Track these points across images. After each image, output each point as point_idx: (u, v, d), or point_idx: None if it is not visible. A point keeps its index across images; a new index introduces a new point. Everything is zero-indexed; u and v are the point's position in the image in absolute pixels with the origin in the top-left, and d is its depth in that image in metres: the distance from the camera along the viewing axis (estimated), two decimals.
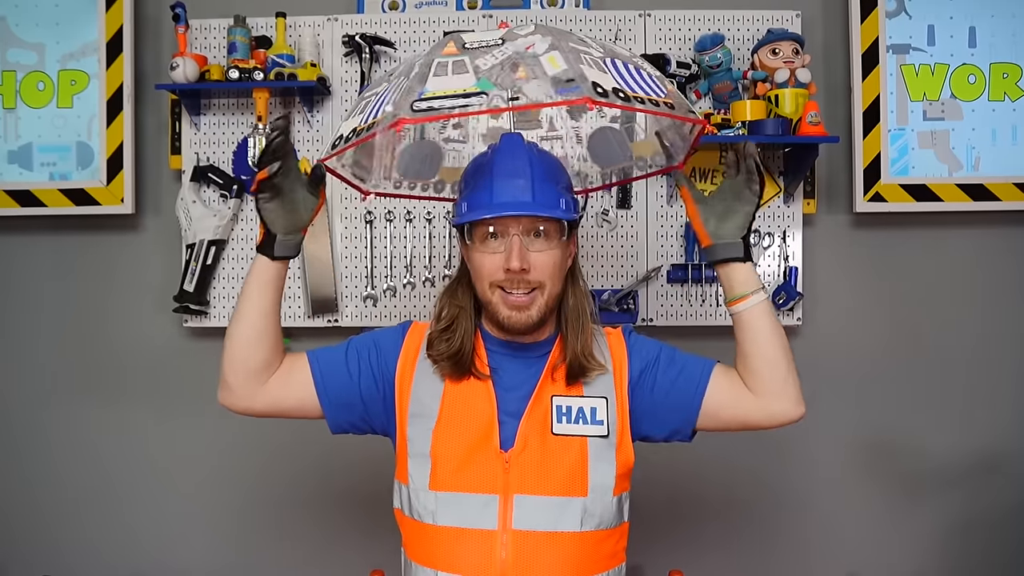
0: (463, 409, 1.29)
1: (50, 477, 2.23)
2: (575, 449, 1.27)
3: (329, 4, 2.17)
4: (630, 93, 1.14)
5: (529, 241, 1.24)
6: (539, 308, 1.27)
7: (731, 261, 1.29)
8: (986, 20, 2.13)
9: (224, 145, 2.14)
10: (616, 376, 1.32)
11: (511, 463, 1.25)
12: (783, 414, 1.30)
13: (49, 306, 2.23)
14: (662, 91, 1.21)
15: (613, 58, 1.19)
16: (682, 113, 1.23)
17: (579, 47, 1.17)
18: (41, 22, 2.14)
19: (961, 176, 2.12)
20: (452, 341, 1.30)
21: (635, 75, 1.18)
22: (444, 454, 1.27)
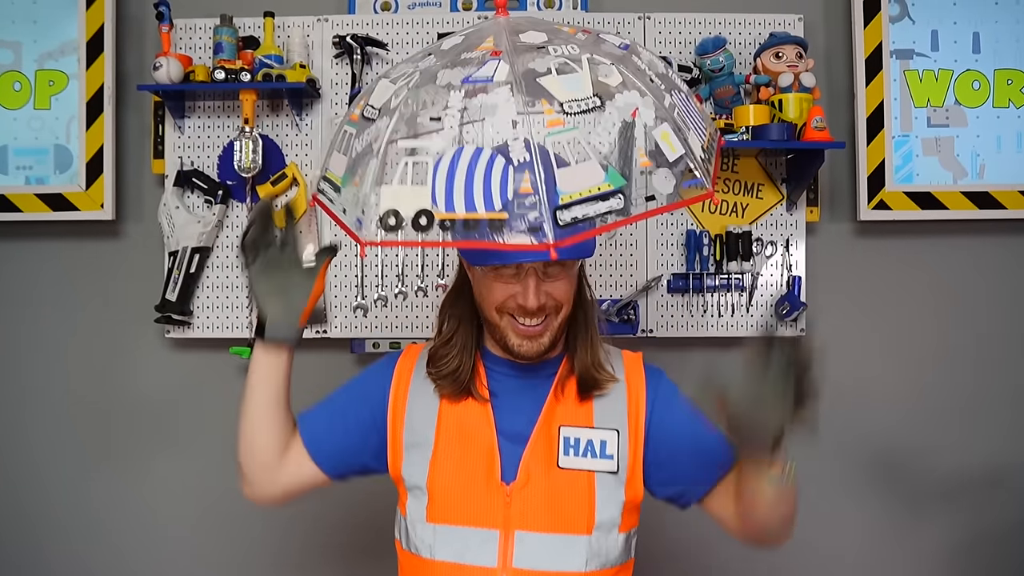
0: (461, 436, 1.21)
1: (23, 489, 2.13)
2: (582, 484, 1.19)
3: (319, 4, 2.11)
4: (705, 143, 1.04)
5: (544, 271, 1.15)
6: (551, 333, 1.19)
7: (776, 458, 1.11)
8: (990, 26, 2.10)
9: (209, 149, 2.07)
10: (631, 403, 1.23)
11: (513, 497, 1.17)
12: (755, 546, 1.27)
13: (24, 316, 2.14)
14: (704, 119, 1.11)
15: (672, 91, 1.07)
16: (714, 135, 1.14)
17: (666, 99, 1.03)
18: (18, 19, 2.06)
19: (966, 184, 2.08)
20: (450, 359, 1.23)
21: (691, 108, 1.08)
22: (442, 486, 1.19)
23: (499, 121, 0.95)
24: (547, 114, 0.95)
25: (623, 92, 0.99)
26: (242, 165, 1.99)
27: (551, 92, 0.97)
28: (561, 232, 0.91)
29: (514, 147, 0.93)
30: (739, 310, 2.04)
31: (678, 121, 1.01)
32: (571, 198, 0.92)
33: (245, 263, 1.20)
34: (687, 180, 0.99)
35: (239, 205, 2.06)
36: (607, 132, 0.96)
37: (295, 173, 2.04)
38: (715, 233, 2.03)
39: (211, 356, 2.09)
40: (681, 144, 0.99)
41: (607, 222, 0.94)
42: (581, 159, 0.94)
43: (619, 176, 0.95)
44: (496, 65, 0.99)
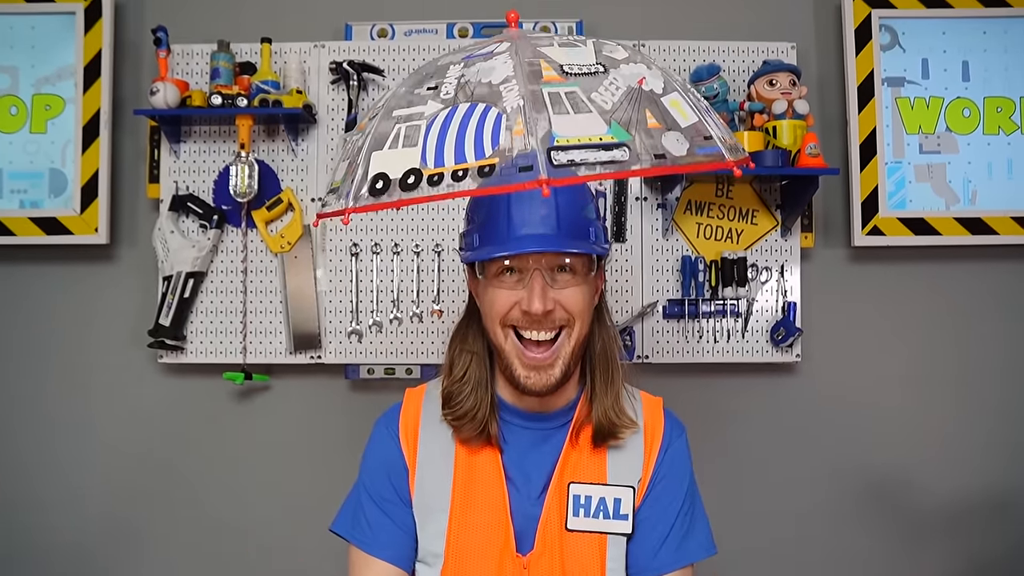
0: (475, 503, 1.14)
1: (16, 509, 2.09)
2: (592, 550, 1.12)
3: (316, 31, 2.12)
4: (728, 142, 1.00)
5: (552, 277, 1.10)
6: (563, 361, 1.11)
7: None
8: (979, 54, 2.12)
9: (205, 174, 2.07)
10: (647, 451, 1.17)
11: (530, 569, 1.11)
12: None
13: (17, 339, 2.12)
14: (725, 127, 1.06)
15: (690, 92, 1.04)
16: (742, 152, 1.10)
17: (678, 83, 1.00)
18: (16, 45, 2.07)
19: (958, 210, 2.10)
20: (464, 397, 1.15)
21: (711, 110, 1.05)
22: (456, 557, 1.12)
23: (496, 78, 0.92)
24: (545, 71, 0.93)
25: (629, 64, 0.96)
26: (238, 190, 1.99)
27: (552, 58, 0.95)
28: (555, 171, 0.84)
29: (508, 97, 0.89)
30: (735, 336, 2.03)
31: (691, 99, 0.98)
32: (568, 142, 0.87)
33: None
34: (702, 147, 0.93)
35: (234, 230, 2.05)
36: (610, 92, 0.92)
37: (291, 198, 2.03)
38: (710, 259, 2.04)
39: (204, 381, 2.08)
40: (695, 114, 0.95)
41: (609, 170, 0.89)
42: (581, 111, 0.90)
43: (623, 131, 0.90)
44: (499, 45, 0.99)
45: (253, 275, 2.05)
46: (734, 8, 2.15)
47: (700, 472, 1.28)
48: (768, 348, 2.04)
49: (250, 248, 2.05)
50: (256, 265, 2.06)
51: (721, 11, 2.15)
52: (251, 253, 2.05)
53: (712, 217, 2.07)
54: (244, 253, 2.05)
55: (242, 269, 2.05)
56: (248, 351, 2.03)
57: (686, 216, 2.06)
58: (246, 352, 2.04)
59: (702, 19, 2.15)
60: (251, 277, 2.05)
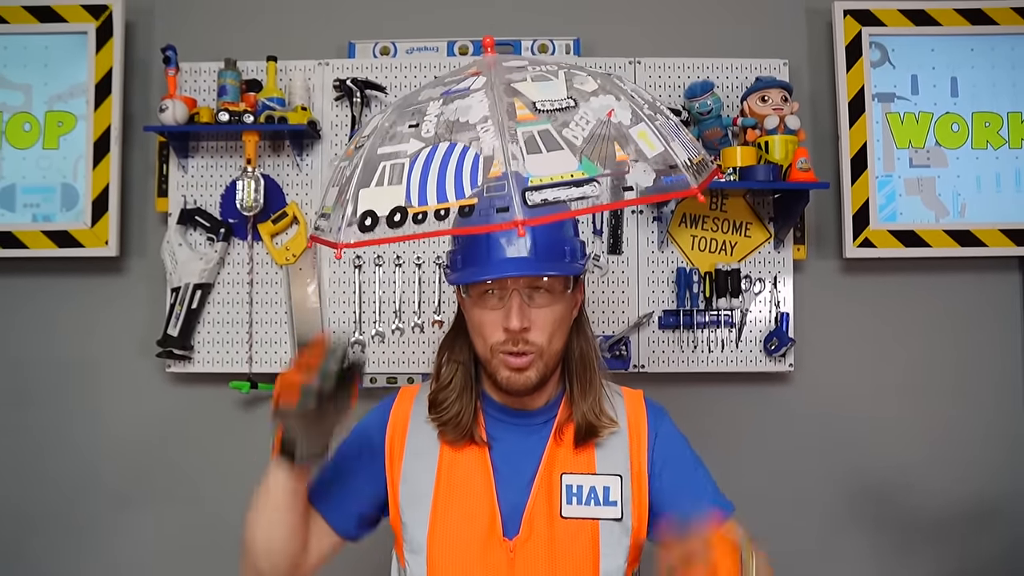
0: (460, 488, 1.20)
1: (23, 524, 2.15)
2: (586, 535, 1.17)
3: (320, 49, 2.18)
4: (695, 160, 1.05)
5: (530, 296, 1.16)
6: (538, 370, 1.18)
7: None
8: (967, 71, 2.17)
9: (212, 188, 2.12)
10: (633, 445, 1.22)
11: (516, 552, 1.16)
12: None
13: (29, 349, 2.17)
14: (695, 142, 1.12)
15: (659, 113, 1.09)
16: (708, 164, 1.14)
17: (646, 110, 1.05)
18: (29, 63, 2.13)
19: (948, 222, 2.14)
20: (450, 403, 1.22)
21: (677, 130, 1.09)
22: (441, 543, 1.17)
23: (473, 117, 0.97)
24: (519, 109, 0.97)
25: (598, 96, 1.01)
26: (244, 204, 2.05)
27: (526, 94, 0.99)
28: (529, 211, 0.90)
29: (484, 137, 0.95)
30: (728, 345, 2.08)
31: (659, 128, 1.03)
32: (541, 181, 0.92)
33: (303, 406, 1.06)
34: (668, 176, 0.99)
35: (240, 243, 2.11)
36: (580, 128, 0.97)
37: (295, 212, 2.09)
38: (704, 271, 2.09)
39: (211, 390, 2.13)
40: (661, 143, 1.00)
41: (581, 206, 0.94)
42: (553, 148, 0.94)
43: (593, 166, 0.95)
44: (475, 80, 1.04)
45: (259, 287, 2.11)
46: (728, 26, 2.20)
47: None
48: (761, 358, 2.09)
49: (256, 260, 2.11)
50: (262, 277, 2.11)
51: (715, 29, 2.20)
52: (257, 265, 2.11)
53: (706, 230, 2.12)
54: (250, 265, 2.10)
55: (248, 281, 2.10)
56: (254, 360, 2.09)
57: (681, 228, 2.11)
58: (252, 361, 2.09)
59: (697, 36, 2.20)
60: (257, 289, 2.11)
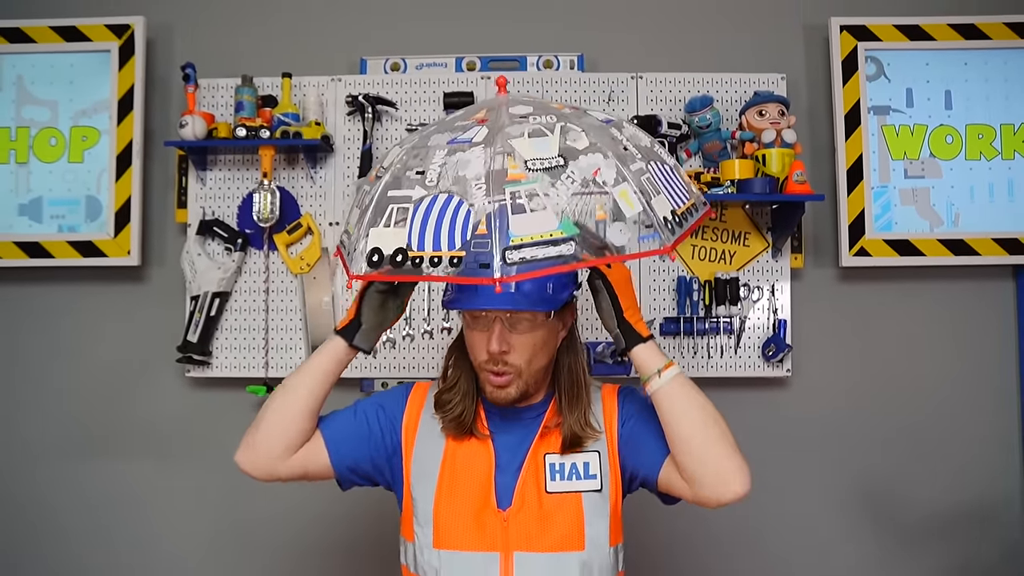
0: (463, 469, 1.32)
1: (51, 526, 2.24)
2: (571, 505, 1.29)
3: (333, 65, 2.26)
4: (679, 211, 1.12)
5: (512, 324, 1.26)
6: (517, 387, 1.29)
7: (630, 349, 1.26)
8: (960, 84, 2.23)
9: (230, 200, 2.21)
10: (608, 433, 1.34)
11: (509, 521, 1.28)
12: (711, 500, 1.23)
13: (55, 354, 2.26)
14: (687, 188, 1.19)
15: (651, 162, 1.16)
16: (700, 206, 1.21)
17: (633, 164, 1.12)
18: (56, 80, 2.22)
19: (942, 232, 2.21)
20: (455, 404, 1.34)
21: (669, 177, 1.16)
22: (446, 514, 1.30)
23: (470, 173, 1.07)
24: (511, 168, 1.07)
25: (588, 154, 1.10)
26: (260, 215, 2.13)
27: (520, 151, 1.09)
28: (508, 269, 1.01)
29: (477, 194, 1.05)
30: (727, 351, 2.15)
31: (644, 184, 1.11)
32: (522, 240, 1.01)
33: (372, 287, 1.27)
34: (643, 235, 1.07)
35: (257, 252, 2.19)
36: (566, 187, 1.06)
37: (310, 223, 2.17)
38: (704, 279, 2.15)
39: (229, 394, 2.21)
40: (639, 203, 1.08)
41: (555, 264, 1.02)
42: (537, 208, 1.04)
43: (572, 226, 1.03)
44: (479, 130, 1.13)
45: (275, 295, 2.19)
46: (728, 41, 2.27)
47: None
48: (760, 363, 2.15)
49: (272, 269, 2.19)
50: (277, 285, 2.20)
51: (715, 44, 2.27)
52: (273, 274, 2.19)
53: (706, 239, 2.19)
54: (266, 274, 2.19)
55: (264, 289, 2.19)
56: (270, 366, 2.17)
57: None
58: (268, 366, 2.17)
59: (697, 52, 2.27)
60: (273, 296, 2.19)
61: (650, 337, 1.27)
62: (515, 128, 1.12)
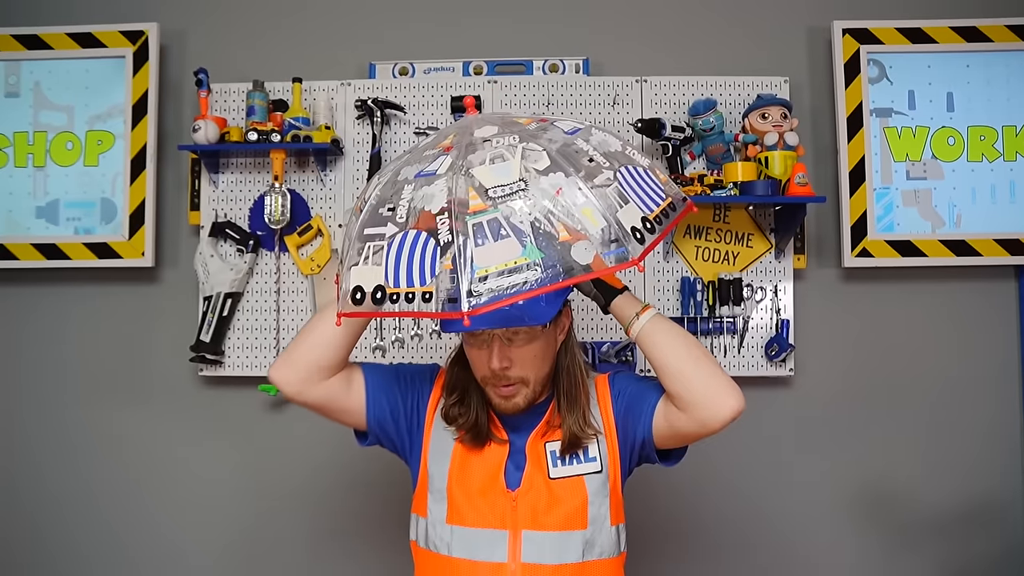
0: (475, 453, 1.39)
1: (61, 523, 2.29)
2: (576, 488, 1.36)
3: (342, 70, 2.30)
4: (651, 216, 1.14)
5: (510, 339, 1.31)
6: (524, 396, 1.36)
7: (610, 303, 1.36)
8: (962, 86, 2.26)
9: (241, 202, 2.25)
10: (605, 420, 1.40)
11: (518, 502, 1.36)
12: (713, 419, 1.28)
13: (72, 353, 2.31)
14: (661, 189, 1.21)
15: (619, 170, 1.17)
16: (679, 204, 1.23)
17: (597, 177, 1.14)
18: (72, 86, 2.27)
19: (944, 232, 2.23)
20: (468, 415, 1.39)
21: (641, 181, 1.18)
22: (459, 491, 1.37)
23: (434, 208, 1.09)
24: (472, 200, 1.09)
25: (549, 175, 1.11)
26: (272, 217, 2.17)
27: (481, 181, 1.10)
28: (473, 301, 1.02)
29: (442, 230, 1.07)
30: (731, 351, 2.18)
31: (611, 196, 1.13)
32: (487, 272, 1.03)
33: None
34: (609, 250, 1.08)
35: (268, 254, 2.24)
36: (527, 212, 1.07)
37: (320, 225, 2.21)
38: (708, 280, 2.18)
39: (241, 393, 2.25)
40: (604, 219, 1.09)
41: (522, 291, 1.04)
42: (500, 237, 1.05)
43: (536, 250, 1.05)
44: (443, 160, 1.15)
45: (285, 295, 2.23)
46: (731, 45, 2.30)
47: (698, 479, 1.47)
48: (763, 363, 2.18)
49: (283, 270, 2.23)
50: (288, 286, 2.24)
51: (719, 48, 2.30)
52: (284, 275, 2.23)
53: (710, 240, 2.21)
54: (277, 275, 2.23)
55: (275, 290, 2.23)
56: None
57: (685, 240, 2.21)
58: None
59: (701, 55, 2.30)
60: (284, 297, 2.23)
61: (624, 289, 1.37)
62: (477, 155, 1.14)
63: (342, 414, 1.42)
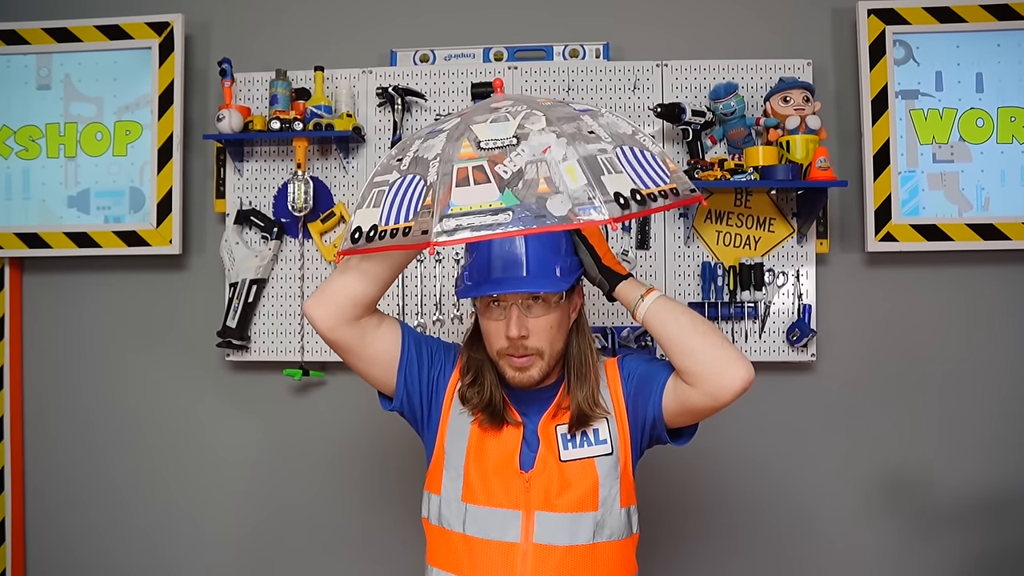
0: (491, 435, 1.42)
1: (84, 506, 2.36)
2: (587, 470, 1.39)
3: (364, 58, 2.32)
4: (645, 191, 1.16)
5: (528, 307, 1.36)
6: (540, 369, 1.39)
7: (614, 288, 1.39)
8: (992, 66, 2.21)
9: (266, 190, 2.29)
10: (615, 402, 1.43)
11: (532, 483, 1.38)
12: (724, 391, 1.29)
13: (101, 339, 2.38)
14: (667, 174, 1.23)
15: (622, 146, 1.20)
16: (685, 193, 1.24)
17: (591, 144, 1.17)
18: (100, 78, 2.32)
19: (971, 216, 2.19)
20: (483, 394, 1.42)
21: (644, 162, 1.21)
22: (475, 470, 1.39)
23: (430, 156, 1.18)
24: (464, 147, 1.16)
25: (540, 135, 1.16)
26: (295, 205, 2.20)
27: (476, 134, 1.18)
28: (441, 235, 1.08)
29: (431, 172, 1.16)
30: (752, 336, 2.17)
31: (602, 163, 1.15)
32: (460, 210, 1.10)
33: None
34: (583, 207, 1.10)
35: (292, 241, 2.27)
36: (513, 163, 1.13)
37: (342, 211, 2.24)
38: (729, 265, 2.17)
39: (266, 377, 2.30)
40: (585, 178, 1.12)
41: (492, 232, 1.09)
42: (480, 182, 1.12)
43: (513, 197, 1.10)
44: (454, 121, 1.23)
45: (309, 281, 2.27)
46: (753, 27, 2.28)
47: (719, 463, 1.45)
48: (784, 348, 2.17)
49: (306, 257, 2.27)
50: (312, 272, 2.27)
51: (741, 31, 2.28)
52: (307, 261, 2.27)
53: (731, 225, 2.20)
54: (301, 261, 2.26)
55: (299, 276, 2.26)
56: (305, 350, 2.25)
57: (706, 224, 2.20)
58: (303, 351, 2.25)
59: (723, 39, 2.28)
60: (308, 283, 2.27)
61: (629, 275, 1.40)
62: (481, 116, 1.21)
63: (371, 364, 1.42)
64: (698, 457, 1.47)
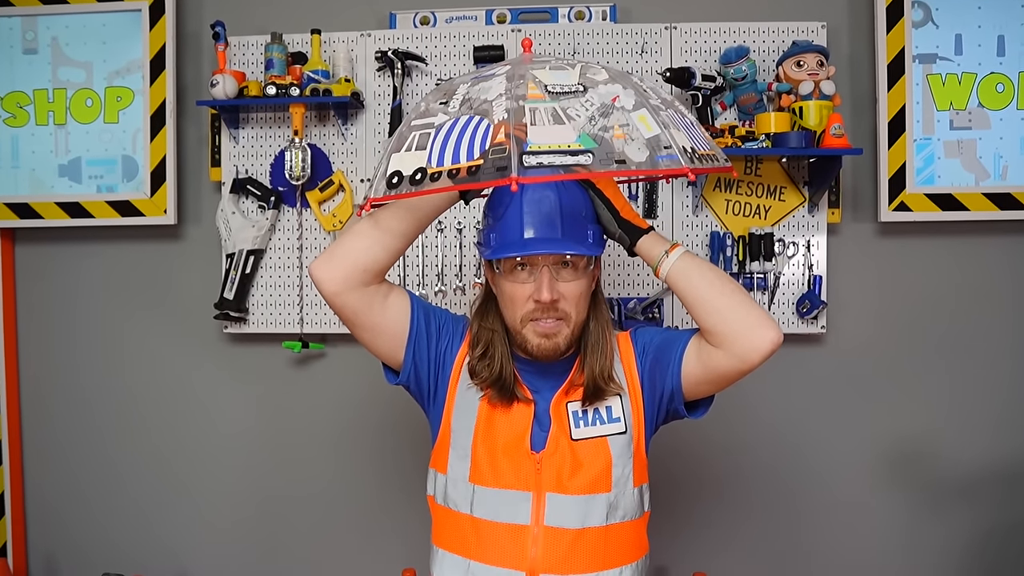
0: (501, 413, 1.37)
1: (87, 483, 2.34)
2: (599, 449, 1.34)
3: (362, 21, 2.24)
4: (700, 152, 1.15)
5: (557, 271, 1.29)
6: (565, 337, 1.33)
7: (635, 243, 1.33)
8: (1015, 28, 2.13)
9: (262, 158, 2.22)
10: (628, 378, 1.38)
11: (542, 464, 1.33)
12: (753, 351, 1.25)
13: (95, 312, 2.33)
14: (707, 140, 1.22)
15: (670, 109, 1.20)
16: (722, 161, 1.23)
17: (653, 101, 1.16)
18: (89, 41, 2.24)
19: (988, 185, 2.13)
20: (492, 367, 1.36)
21: (692, 127, 1.19)
22: (483, 450, 1.34)
23: (490, 96, 1.12)
24: (531, 89, 1.11)
25: (607, 84, 1.13)
26: (292, 173, 2.14)
27: (540, 78, 1.13)
28: (524, 171, 1.03)
29: (496, 110, 1.09)
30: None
31: (665, 118, 1.13)
32: (539, 148, 1.04)
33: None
34: (661, 154, 1.09)
35: (290, 210, 2.21)
36: (584, 108, 1.09)
37: (341, 180, 2.18)
38: (738, 234, 2.12)
39: (265, 349, 2.26)
40: (658, 126, 1.10)
41: (572, 172, 1.06)
42: (557, 123, 1.07)
43: (591, 140, 1.06)
44: (501, 67, 1.20)
45: (308, 251, 2.21)
46: None
47: (729, 436, 1.49)
48: (794, 319, 2.13)
49: (305, 227, 2.21)
50: (310, 242, 2.22)
51: None
52: (306, 231, 2.21)
53: (741, 194, 2.14)
54: (299, 231, 2.21)
55: (298, 246, 2.21)
56: (304, 322, 2.20)
57: (715, 193, 2.14)
58: (303, 323, 2.21)
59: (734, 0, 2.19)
60: (306, 253, 2.21)
61: (650, 228, 1.33)
62: (538, 64, 1.16)
63: (377, 334, 1.37)
64: (710, 429, 1.44)
